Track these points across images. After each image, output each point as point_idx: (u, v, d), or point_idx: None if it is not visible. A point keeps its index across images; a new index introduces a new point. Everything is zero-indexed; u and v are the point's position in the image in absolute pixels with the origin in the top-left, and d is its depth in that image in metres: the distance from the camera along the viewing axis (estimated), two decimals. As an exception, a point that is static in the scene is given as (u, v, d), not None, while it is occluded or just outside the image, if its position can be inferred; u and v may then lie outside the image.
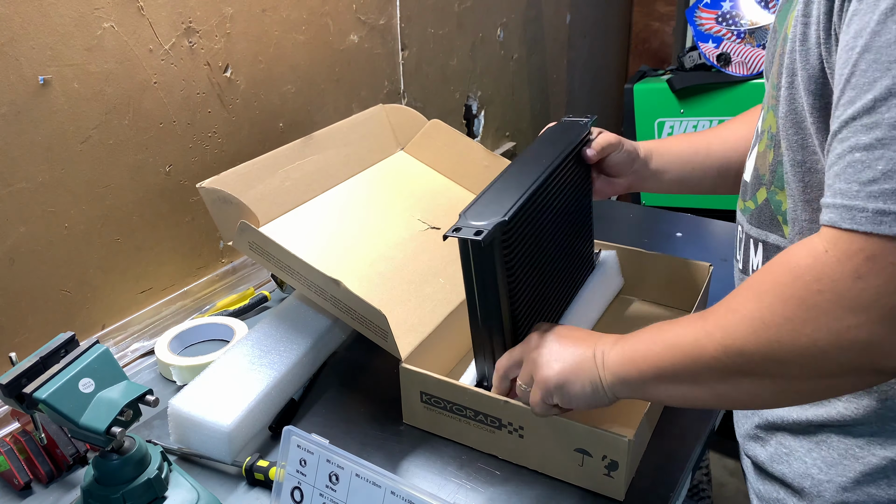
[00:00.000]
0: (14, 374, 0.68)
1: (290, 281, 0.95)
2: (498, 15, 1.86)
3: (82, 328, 1.04)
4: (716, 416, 0.93)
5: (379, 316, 0.84)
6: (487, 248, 0.75)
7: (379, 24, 1.45)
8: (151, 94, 1.05)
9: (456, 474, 0.84)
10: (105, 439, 0.69)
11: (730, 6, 1.79)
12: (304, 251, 0.96)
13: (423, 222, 1.08)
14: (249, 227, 0.92)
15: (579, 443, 0.78)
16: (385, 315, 0.84)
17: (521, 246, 0.81)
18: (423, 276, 1.00)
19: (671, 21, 2.64)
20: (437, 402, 0.86)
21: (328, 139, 1.12)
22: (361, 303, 0.85)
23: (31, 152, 0.92)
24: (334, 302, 0.91)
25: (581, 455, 0.79)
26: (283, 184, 1.03)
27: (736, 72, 1.74)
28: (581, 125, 0.95)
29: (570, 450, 0.79)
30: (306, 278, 0.92)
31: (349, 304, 0.88)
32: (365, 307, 0.85)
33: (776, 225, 0.68)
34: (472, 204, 0.79)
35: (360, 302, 0.85)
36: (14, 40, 0.87)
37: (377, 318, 0.85)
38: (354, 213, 1.08)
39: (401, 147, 1.24)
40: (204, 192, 0.95)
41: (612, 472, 0.78)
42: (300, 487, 0.73)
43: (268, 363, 0.93)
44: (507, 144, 2.03)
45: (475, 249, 0.76)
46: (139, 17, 1.01)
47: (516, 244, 0.79)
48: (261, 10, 1.18)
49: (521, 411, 0.81)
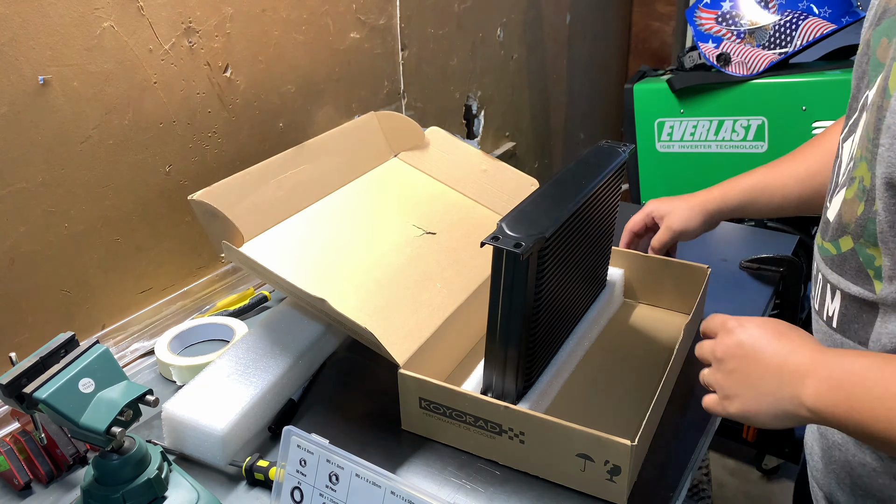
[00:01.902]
0: (14, 374, 0.68)
1: (285, 293, 0.95)
2: (498, 15, 1.86)
3: (82, 328, 1.04)
4: (716, 417, 0.93)
5: (367, 332, 0.84)
6: (523, 261, 0.75)
7: (379, 24, 1.45)
8: (151, 94, 1.05)
9: (456, 474, 0.84)
10: (105, 439, 0.69)
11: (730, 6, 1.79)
12: (298, 261, 0.97)
13: (418, 228, 1.08)
14: (232, 247, 0.92)
15: (581, 448, 0.78)
16: (373, 331, 0.84)
17: (552, 263, 0.81)
18: (419, 281, 1.00)
19: (671, 21, 2.64)
20: (437, 407, 0.86)
21: (321, 148, 1.12)
22: (349, 320, 0.85)
23: (31, 152, 0.92)
24: (326, 315, 0.92)
25: (583, 460, 0.78)
26: (276, 193, 1.03)
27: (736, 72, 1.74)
28: (619, 151, 0.97)
29: (571, 455, 0.79)
30: (296, 295, 0.92)
31: (339, 319, 0.88)
32: (353, 324, 0.85)
33: (864, 278, 0.64)
34: (510, 214, 0.79)
35: (348, 319, 0.85)
36: (14, 40, 0.87)
37: (366, 333, 0.85)
38: (349, 220, 1.07)
39: (394, 154, 1.24)
40: (195, 205, 0.95)
41: (614, 477, 0.78)
42: (300, 487, 0.73)
43: (264, 365, 0.93)
44: (507, 144, 2.03)
45: (510, 260, 0.77)
46: (139, 17, 1.01)
47: (548, 261, 0.80)
48: (261, 10, 1.18)
49: (522, 417, 0.81)
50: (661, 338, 1.07)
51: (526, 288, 0.77)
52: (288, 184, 1.05)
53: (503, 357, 0.83)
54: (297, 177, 1.06)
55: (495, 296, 0.80)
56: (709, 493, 1.70)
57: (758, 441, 1.97)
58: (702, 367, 0.73)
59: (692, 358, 1.03)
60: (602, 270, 1.07)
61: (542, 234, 0.76)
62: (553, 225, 0.78)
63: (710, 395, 0.71)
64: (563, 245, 0.84)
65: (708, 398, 0.71)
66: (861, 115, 0.67)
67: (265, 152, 1.25)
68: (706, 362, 0.72)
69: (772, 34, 1.74)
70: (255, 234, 0.98)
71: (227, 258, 0.97)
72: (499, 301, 0.80)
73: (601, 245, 1.01)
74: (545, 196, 0.85)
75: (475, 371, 0.95)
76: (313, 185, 1.09)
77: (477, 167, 1.19)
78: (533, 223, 0.77)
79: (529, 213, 0.80)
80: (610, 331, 1.08)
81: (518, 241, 0.74)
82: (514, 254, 0.74)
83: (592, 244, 0.96)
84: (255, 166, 1.02)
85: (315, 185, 1.09)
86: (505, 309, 0.80)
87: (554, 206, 0.82)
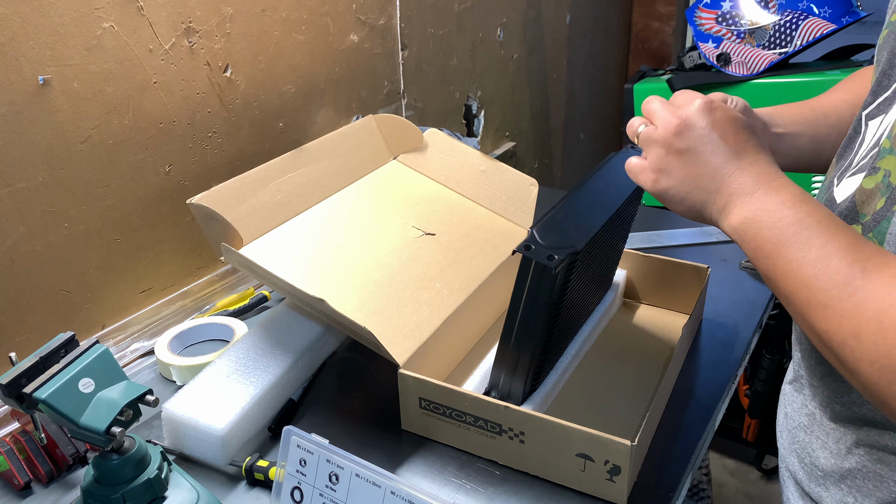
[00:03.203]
0: (14, 374, 0.68)
1: (284, 294, 0.95)
2: (498, 15, 1.86)
3: (82, 328, 1.04)
4: (716, 417, 0.93)
5: (367, 331, 0.84)
6: (554, 274, 0.74)
7: (379, 24, 1.45)
8: (151, 94, 1.05)
9: (456, 474, 0.84)
10: (105, 439, 0.69)
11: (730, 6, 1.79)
12: (298, 263, 0.96)
13: (417, 229, 1.08)
14: (232, 249, 0.92)
15: (581, 448, 0.78)
16: (373, 330, 0.84)
17: (578, 274, 0.81)
18: (419, 281, 1.00)
19: (671, 21, 2.64)
20: (437, 407, 0.86)
21: (319, 151, 1.12)
22: (348, 319, 0.85)
23: (31, 152, 0.92)
24: (325, 316, 0.92)
25: (583, 460, 0.78)
26: (275, 197, 1.03)
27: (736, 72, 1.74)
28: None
29: (571, 455, 0.79)
30: (295, 296, 0.92)
31: (338, 319, 0.88)
32: (352, 323, 0.85)
33: None
34: (542, 222, 0.77)
35: (347, 319, 0.85)
36: (14, 40, 0.87)
37: (366, 333, 0.85)
38: (348, 222, 1.08)
39: (393, 156, 1.24)
40: (194, 209, 0.95)
41: (614, 477, 0.78)
42: (300, 487, 0.73)
43: (264, 365, 0.93)
44: (507, 144, 2.03)
45: (538, 271, 0.75)
46: (139, 17, 1.01)
47: (575, 273, 0.79)
48: (261, 10, 1.18)
49: (522, 417, 0.80)
50: (661, 338, 1.07)
51: (551, 299, 0.76)
52: (287, 187, 1.05)
53: (515, 360, 0.83)
54: (295, 180, 1.07)
55: (516, 301, 0.78)
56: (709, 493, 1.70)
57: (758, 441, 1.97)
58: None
59: (692, 357, 1.03)
60: (612, 273, 1.07)
61: (574, 248, 0.74)
62: (584, 237, 0.76)
63: (639, 159, 0.70)
64: (590, 256, 0.83)
65: (637, 162, 0.70)
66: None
67: (265, 152, 1.25)
68: (645, 138, 0.69)
69: (772, 34, 1.74)
70: (255, 237, 0.98)
71: (226, 260, 0.97)
72: (519, 307, 0.79)
73: (617, 250, 1.01)
74: (576, 204, 0.82)
75: (476, 371, 0.95)
76: (312, 188, 1.09)
77: (476, 168, 1.20)
78: (565, 233, 0.75)
79: (560, 222, 0.78)
80: (610, 331, 1.08)
81: (551, 254, 0.72)
82: (546, 266, 0.72)
83: (612, 251, 0.96)
84: (253, 170, 1.02)
85: (314, 189, 1.09)
86: (525, 315, 0.79)
87: (585, 216, 0.80)
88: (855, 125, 0.71)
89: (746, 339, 1.06)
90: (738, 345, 1.05)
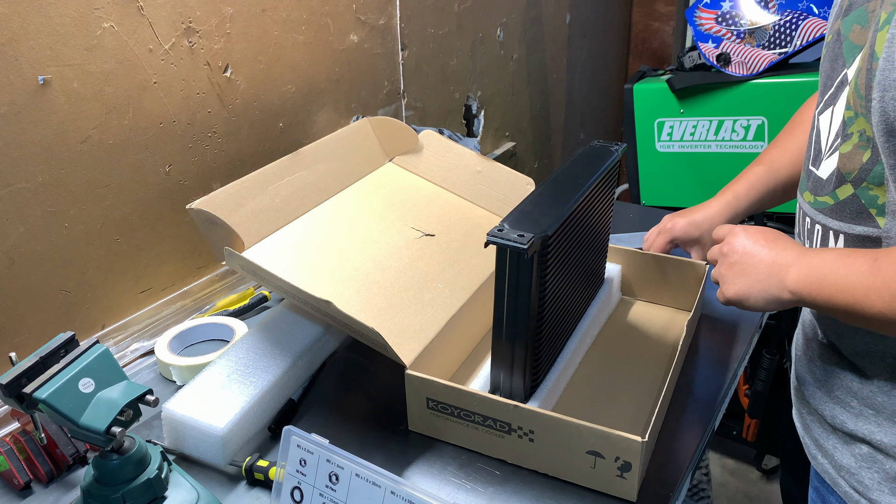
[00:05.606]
0: (14, 373, 0.68)
1: (288, 298, 0.95)
2: (498, 15, 1.86)
3: (82, 328, 1.04)
4: (716, 417, 0.93)
5: (374, 332, 0.84)
6: (528, 259, 0.76)
7: (379, 24, 1.45)
8: (151, 94, 1.05)
9: (456, 474, 0.84)
10: (105, 439, 0.69)
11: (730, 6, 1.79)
12: (299, 266, 0.97)
13: (416, 230, 1.08)
14: (235, 253, 0.92)
15: (591, 445, 0.78)
16: (379, 331, 0.84)
17: (555, 261, 0.82)
18: (421, 282, 1.00)
19: (671, 21, 2.64)
20: (444, 407, 0.86)
21: (315, 154, 1.13)
22: (355, 321, 0.85)
23: (31, 152, 0.92)
24: (331, 318, 0.92)
25: (593, 457, 0.79)
26: (274, 201, 1.03)
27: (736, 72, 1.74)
28: (611, 151, 1.00)
29: (581, 452, 0.79)
30: (299, 298, 0.92)
31: (344, 321, 0.88)
32: (359, 325, 0.85)
33: (866, 217, 0.74)
34: (512, 214, 0.81)
35: (354, 320, 0.85)
36: (14, 40, 0.87)
37: (373, 334, 0.85)
38: (347, 225, 1.08)
39: (389, 158, 1.24)
40: (193, 213, 0.95)
41: (625, 474, 0.78)
42: (300, 487, 0.73)
43: (264, 366, 0.93)
44: (506, 144, 2.03)
45: (514, 259, 0.77)
46: (139, 17, 1.01)
47: (551, 258, 0.81)
48: (261, 10, 1.18)
49: (531, 416, 0.81)
50: (661, 334, 1.07)
51: (531, 285, 0.78)
52: (285, 191, 1.05)
53: (510, 356, 0.83)
54: (293, 184, 1.07)
55: (500, 295, 0.80)
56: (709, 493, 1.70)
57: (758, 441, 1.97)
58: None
59: (691, 357, 1.03)
60: (600, 268, 1.08)
61: (544, 231, 0.77)
62: (554, 223, 0.79)
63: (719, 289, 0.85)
64: (565, 243, 0.85)
65: (718, 292, 0.85)
66: (840, 90, 0.77)
67: (265, 152, 1.25)
68: (714, 262, 0.86)
69: (772, 34, 1.74)
70: (256, 241, 0.98)
71: (228, 264, 0.97)
72: (504, 300, 0.80)
73: (599, 242, 1.02)
74: (544, 195, 0.86)
75: (480, 370, 0.95)
76: (310, 191, 1.09)
77: (472, 168, 1.20)
78: (535, 222, 0.78)
79: (530, 213, 0.81)
80: (610, 328, 1.09)
81: (522, 240, 0.75)
82: (519, 252, 0.74)
83: (591, 241, 0.97)
84: (250, 174, 1.02)
85: (312, 192, 1.10)
86: (510, 308, 0.80)
87: (553, 204, 0.83)
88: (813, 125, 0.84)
89: (746, 339, 1.06)
90: (737, 345, 1.05)
